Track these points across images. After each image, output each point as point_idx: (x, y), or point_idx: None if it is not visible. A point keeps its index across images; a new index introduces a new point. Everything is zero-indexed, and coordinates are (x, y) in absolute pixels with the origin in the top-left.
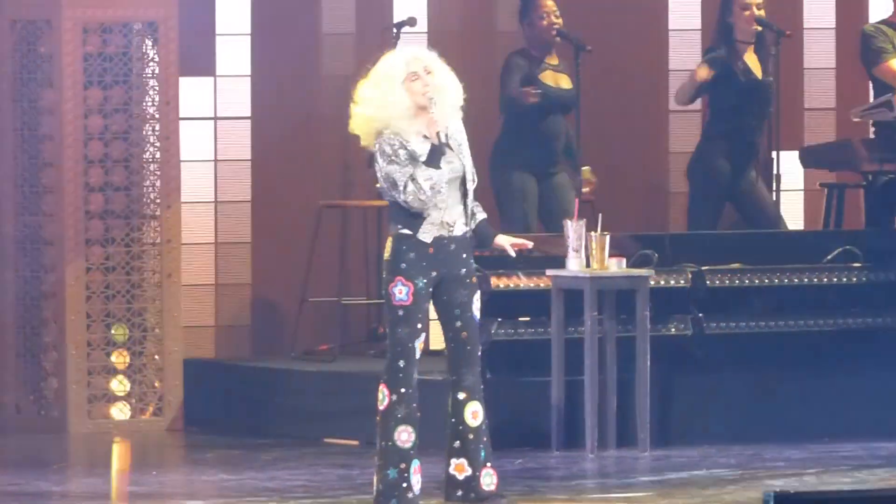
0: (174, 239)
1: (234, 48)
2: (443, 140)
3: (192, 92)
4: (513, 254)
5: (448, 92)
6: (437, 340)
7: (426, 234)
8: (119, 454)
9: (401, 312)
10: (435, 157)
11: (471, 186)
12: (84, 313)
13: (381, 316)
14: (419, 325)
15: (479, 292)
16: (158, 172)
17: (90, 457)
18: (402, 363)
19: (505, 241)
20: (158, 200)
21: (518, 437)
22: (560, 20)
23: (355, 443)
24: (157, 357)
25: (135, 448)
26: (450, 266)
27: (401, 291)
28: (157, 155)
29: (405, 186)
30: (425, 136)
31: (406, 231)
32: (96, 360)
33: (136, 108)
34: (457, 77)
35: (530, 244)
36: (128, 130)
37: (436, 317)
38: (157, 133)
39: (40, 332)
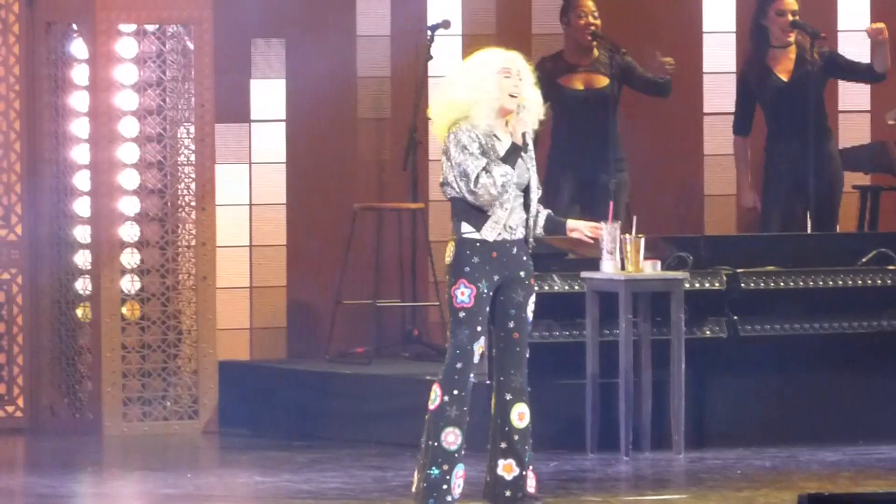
0: (209, 241)
1: (269, 50)
2: (520, 142)
3: (228, 95)
4: (588, 235)
5: (531, 103)
6: None
7: (490, 232)
8: None
9: (462, 314)
10: (511, 156)
11: (534, 197)
12: (119, 316)
13: (415, 318)
14: (479, 329)
15: (534, 295)
16: (193, 175)
17: (124, 459)
18: (459, 365)
19: (579, 225)
20: (193, 203)
21: (553, 440)
22: (598, 21)
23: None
24: (192, 359)
25: (170, 450)
26: (511, 269)
27: (463, 294)
28: (192, 157)
29: (477, 178)
30: (498, 138)
31: (470, 235)
32: (131, 362)
33: (170, 111)
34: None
35: (600, 227)
36: (162, 133)
37: None
38: (191, 135)
39: (75, 335)
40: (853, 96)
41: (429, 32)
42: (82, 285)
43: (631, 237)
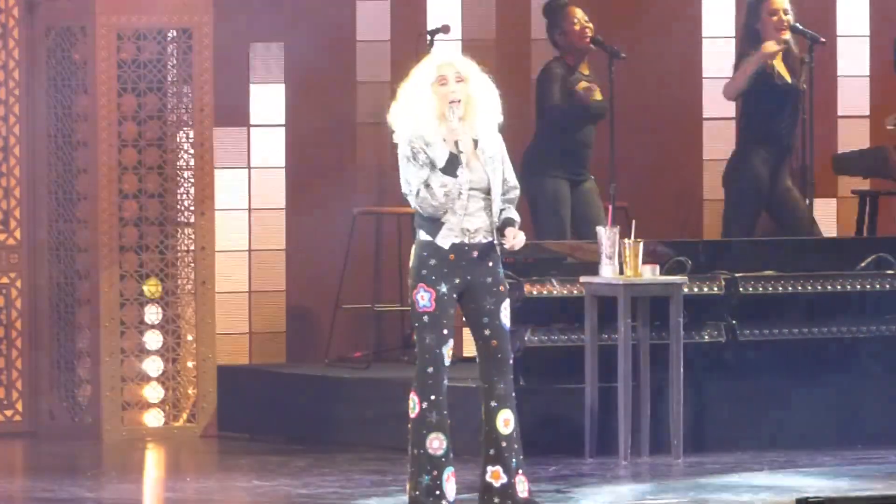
0: (208, 246)
1: (268, 56)
2: (461, 149)
3: (227, 100)
4: (506, 244)
5: (480, 102)
6: (471, 347)
7: (444, 239)
8: None
9: (426, 318)
10: (452, 165)
11: (496, 197)
12: (118, 320)
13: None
14: (445, 332)
15: (507, 300)
16: (192, 179)
17: (124, 463)
18: (430, 370)
19: (507, 232)
20: (192, 207)
21: (552, 444)
22: (591, 26)
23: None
24: (191, 364)
25: (169, 454)
26: (474, 273)
27: (423, 298)
28: (192, 162)
29: (418, 191)
30: (447, 142)
31: (427, 238)
32: (130, 366)
33: (170, 115)
34: (494, 87)
35: (517, 245)
36: (162, 137)
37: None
38: (191, 140)
39: (74, 338)
40: (852, 101)
41: (428, 37)
42: (82, 289)
43: (630, 242)
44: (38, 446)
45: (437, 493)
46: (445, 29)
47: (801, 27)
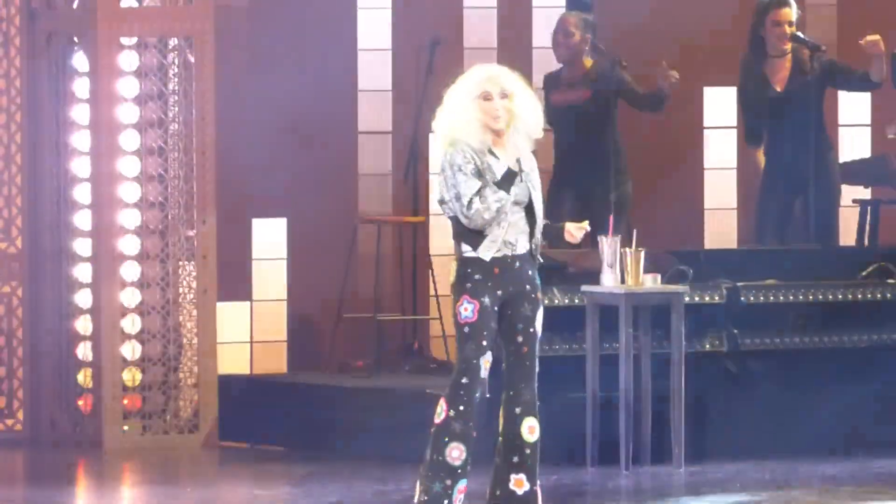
0: (209, 254)
1: (270, 65)
2: (515, 168)
3: (228, 108)
4: (579, 236)
5: (523, 119)
6: None
7: (486, 251)
8: None
9: (466, 329)
10: (507, 180)
11: (539, 213)
12: (119, 329)
13: (416, 332)
14: (485, 343)
15: (542, 309)
16: (194, 188)
17: (124, 472)
18: (465, 380)
19: (568, 226)
20: (194, 216)
21: (553, 453)
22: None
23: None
24: (192, 373)
25: (170, 464)
26: (515, 283)
27: (466, 309)
28: (193, 170)
29: (470, 202)
30: (497, 157)
31: (470, 253)
32: (131, 376)
33: (171, 124)
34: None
35: (584, 227)
36: (163, 146)
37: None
38: (192, 148)
39: (75, 347)
40: (853, 110)
41: (430, 46)
42: (83, 298)
43: (631, 251)
44: (40, 455)
45: (446, 502)
46: (443, 39)
47: (802, 36)
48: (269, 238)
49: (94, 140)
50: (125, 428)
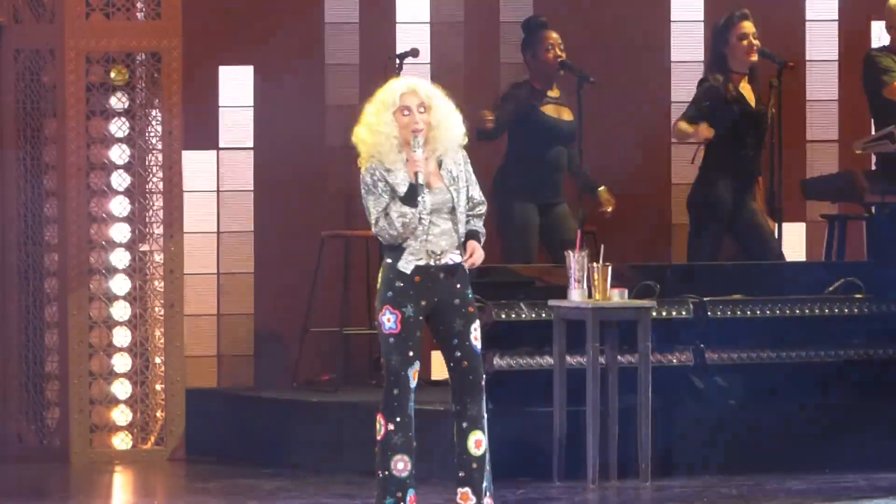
0: (177, 269)
1: (236, 79)
2: (421, 181)
3: (195, 122)
4: (464, 261)
5: (443, 126)
6: (440, 370)
7: (406, 264)
8: None
9: (391, 340)
10: (412, 195)
11: (461, 217)
12: (87, 343)
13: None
14: (411, 354)
15: (477, 321)
16: (161, 203)
17: (92, 486)
18: (396, 391)
19: (468, 246)
20: (161, 231)
21: (520, 468)
22: (564, 53)
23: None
24: (159, 387)
25: (137, 478)
26: (441, 295)
27: (389, 320)
28: (160, 185)
29: (376, 220)
30: (415, 171)
31: (391, 262)
32: (99, 390)
33: (139, 138)
34: (458, 111)
35: (477, 262)
36: (131, 160)
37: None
38: (160, 163)
39: (43, 361)
40: (821, 126)
41: (397, 61)
42: (50, 313)
43: (598, 265)
44: (6, 469)
45: None
46: (414, 52)
47: (767, 51)
48: (236, 249)
49: (62, 155)
50: (92, 442)
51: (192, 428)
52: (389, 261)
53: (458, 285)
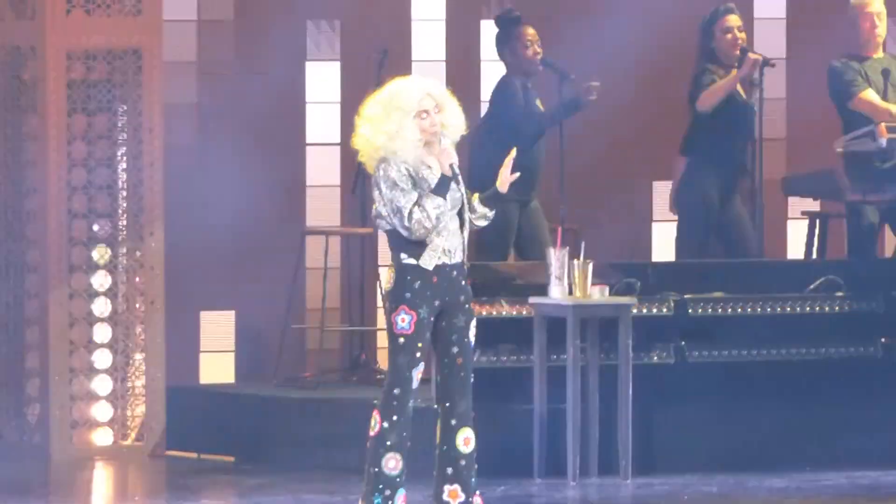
0: (157, 266)
1: (218, 76)
2: (448, 173)
3: (177, 119)
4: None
5: (455, 128)
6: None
7: (428, 260)
8: None
9: (402, 341)
10: (443, 187)
11: (468, 217)
12: (67, 340)
13: (363, 343)
14: (418, 355)
15: (475, 319)
16: (142, 199)
17: (72, 483)
18: (397, 391)
19: (504, 178)
20: (142, 227)
21: (500, 465)
22: (541, 49)
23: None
24: (140, 383)
25: (117, 474)
26: (451, 293)
27: (403, 320)
28: (141, 182)
29: (410, 214)
30: (429, 167)
31: (410, 261)
32: (79, 386)
33: (119, 135)
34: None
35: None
36: (111, 157)
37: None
38: (140, 160)
39: (23, 358)
40: (801, 123)
41: (379, 58)
42: (30, 308)
43: (579, 263)
44: None
45: None
46: (389, 52)
47: (750, 49)
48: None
49: (44, 151)
50: (72, 438)
51: (173, 424)
52: (407, 260)
53: (463, 282)
